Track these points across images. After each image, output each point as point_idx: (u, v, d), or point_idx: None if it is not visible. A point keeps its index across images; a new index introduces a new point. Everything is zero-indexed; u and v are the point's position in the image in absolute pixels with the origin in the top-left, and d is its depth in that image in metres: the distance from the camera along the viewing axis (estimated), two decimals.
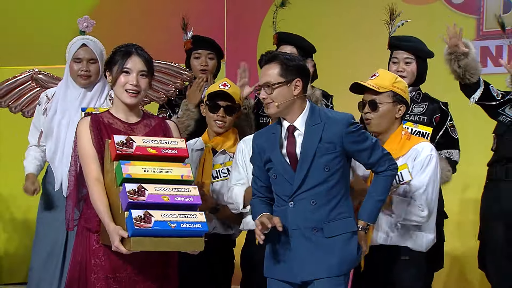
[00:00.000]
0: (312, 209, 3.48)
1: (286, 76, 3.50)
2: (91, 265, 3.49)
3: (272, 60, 3.53)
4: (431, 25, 5.89)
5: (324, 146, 3.48)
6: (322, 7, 6.39)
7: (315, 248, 3.47)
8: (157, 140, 3.44)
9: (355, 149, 3.52)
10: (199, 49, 4.88)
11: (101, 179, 3.45)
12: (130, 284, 3.49)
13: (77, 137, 3.54)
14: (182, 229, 3.26)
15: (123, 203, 3.27)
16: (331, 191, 3.50)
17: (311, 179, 3.48)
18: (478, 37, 6.01)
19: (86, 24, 4.62)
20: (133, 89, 3.53)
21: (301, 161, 3.49)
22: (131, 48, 3.56)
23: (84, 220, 3.56)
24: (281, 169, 3.52)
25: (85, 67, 4.47)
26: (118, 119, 3.59)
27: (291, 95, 3.51)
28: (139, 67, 3.54)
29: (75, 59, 4.49)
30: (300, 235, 3.48)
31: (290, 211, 3.50)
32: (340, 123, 3.51)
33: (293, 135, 3.54)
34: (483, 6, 6.04)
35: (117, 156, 3.34)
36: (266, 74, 3.53)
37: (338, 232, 3.49)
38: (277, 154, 3.53)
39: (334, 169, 3.50)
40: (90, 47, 4.50)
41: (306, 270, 3.48)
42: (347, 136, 3.49)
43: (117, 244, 3.26)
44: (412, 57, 4.56)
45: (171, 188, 3.34)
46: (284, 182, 3.52)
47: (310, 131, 3.51)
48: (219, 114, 4.22)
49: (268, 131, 3.64)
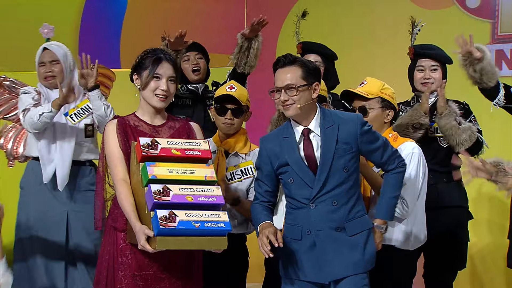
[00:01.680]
0: (333, 209, 3.53)
1: (308, 79, 3.56)
2: (119, 263, 3.56)
3: (293, 63, 3.57)
4: (447, 29, 5.93)
5: (341, 147, 3.54)
6: (338, 15, 6.38)
7: (341, 247, 3.53)
8: (181, 142, 3.51)
9: (368, 149, 3.59)
10: (187, 52, 4.93)
11: (127, 180, 3.53)
12: (156, 282, 3.56)
13: (104, 140, 3.62)
14: (205, 228, 3.32)
15: (148, 203, 3.34)
16: (350, 191, 3.57)
17: (332, 181, 3.53)
18: (493, 40, 6.05)
19: (47, 30, 4.86)
20: (163, 94, 3.62)
21: (321, 164, 3.53)
22: (160, 54, 3.64)
23: (112, 219, 3.63)
24: (300, 172, 3.55)
25: (48, 68, 4.68)
26: (143, 122, 3.67)
27: (311, 97, 3.57)
28: (169, 73, 3.63)
29: (39, 63, 4.71)
30: (325, 236, 3.53)
31: (312, 213, 3.55)
32: (353, 123, 3.58)
33: (308, 138, 3.58)
34: (498, 10, 6.08)
35: (143, 157, 3.41)
36: (287, 77, 3.56)
37: (359, 230, 3.56)
38: (296, 158, 3.57)
39: (352, 169, 3.57)
40: (51, 50, 4.71)
41: (335, 270, 3.52)
42: (361, 136, 3.57)
43: (143, 243, 3.32)
44: (437, 65, 4.64)
45: (195, 188, 3.39)
46: (303, 186, 3.56)
47: (326, 134, 3.56)
48: (227, 117, 4.25)
49: (279, 136, 3.65)
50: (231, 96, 4.24)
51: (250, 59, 4.75)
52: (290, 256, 3.60)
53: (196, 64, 4.95)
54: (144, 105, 3.69)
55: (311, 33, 5.14)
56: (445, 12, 6.18)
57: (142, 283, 3.55)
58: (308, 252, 3.56)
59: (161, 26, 4.75)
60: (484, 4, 6.13)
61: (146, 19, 6.72)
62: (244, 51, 4.75)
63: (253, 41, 4.74)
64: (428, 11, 6.10)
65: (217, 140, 4.32)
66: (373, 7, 6.28)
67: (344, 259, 3.53)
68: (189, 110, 4.81)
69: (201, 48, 5.02)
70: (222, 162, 4.26)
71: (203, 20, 4.98)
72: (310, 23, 5.20)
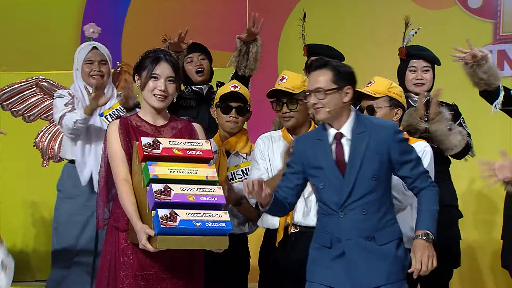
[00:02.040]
0: (363, 218, 3.43)
1: (338, 82, 3.47)
2: (120, 263, 3.56)
3: (324, 66, 3.49)
4: (448, 29, 5.95)
5: (370, 155, 3.44)
6: (339, 16, 6.40)
7: (371, 256, 3.42)
8: (182, 142, 3.52)
9: (400, 160, 3.47)
10: (190, 54, 4.92)
11: (129, 180, 3.53)
12: (158, 282, 3.56)
13: (107, 139, 3.63)
14: (207, 228, 3.32)
15: (149, 202, 3.34)
16: (381, 199, 3.46)
17: (360, 188, 3.43)
18: (495, 41, 6.06)
19: (93, 30, 4.77)
20: (161, 94, 3.63)
21: (348, 171, 3.44)
22: (159, 54, 3.65)
23: (113, 219, 3.64)
24: (332, 177, 3.46)
25: (97, 67, 4.64)
26: (146, 122, 3.68)
27: (342, 101, 3.47)
28: (167, 73, 3.63)
29: (86, 61, 4.65)
30: (354, 245, 3.43)
31: (341, 221, 3.45)
32: (387, 130, 3.48)
33: (340, 142, 3.50)
34: (500, 10, 6.09)
35: (145, 157, 3.42)
36: (318, 80, 3.48)
37: (389, 239, 3.45)
38: (329, 162, 3.47)
39: (382, 178, 3.47)
40: (100, 50, 4.68)
41: (366, 279, 3.42)
42: (394, 144, 3.46)
43: (144, 242, 3.32)
44: (429, 66, 4.66)
45: (196, 188, 3.40)
46: (333, 191, 3.46)
47: (356, 139, 3.46)
48: (231, 115, 4.26)
49: (313, 137, 3.58)
50: (236, 94, 4.25)
51: (250, 62, 4.73)
52: (319, 262, 3.54)
53: (199, 65, 4.94)
54: (146, 105, 3.70)
55: (312, 34, 5.15)
56: (447, 12, 6.20)
57: (144, 283, 3.55)
58: (337, 260, 3.46)
59: (162, 26, 4.78)
60: (486, 4, 6.15)
61: (147, 19, 6.75)
62: (243, 55, 4.75)
63: (252, 45, 4.73)
64: (430, 11, 6.12)
65: (218, 140, 4.33)
66: (374, 7, 6.29)
67: (374, 268, 3.42)
68: (194, 111, 4.80)
69: (204, 49, 5.01)
70: (224, 162, 4.27)
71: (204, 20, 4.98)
72: (311, 24, 5.20)
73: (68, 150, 4.71)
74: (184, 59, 4.90)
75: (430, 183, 3.51)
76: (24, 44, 6.65)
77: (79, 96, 4.67)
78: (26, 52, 6.64)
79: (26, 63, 6.43)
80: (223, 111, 4.28)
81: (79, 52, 4.70)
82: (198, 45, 4.98)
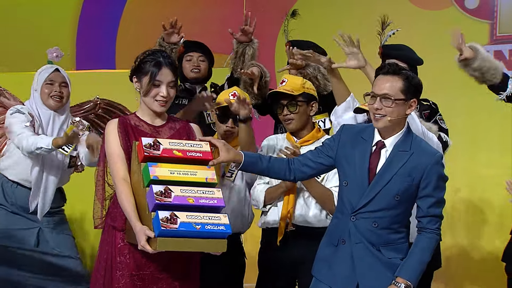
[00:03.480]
0: (372, 229, 3.41)
1: (407, 94, 3.39)
2: (116, 263, 3.55)
3: (397, 73, 3.41)
4: (445, 30, 5.94)
5: (403, 175, 3.38)
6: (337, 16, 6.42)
7: (378, 263, 3.41)
8: (182, 143, 3.50)
9: (427, 192, 3.40)
10: (191, 52, 4.92)
11: (128, 179, 3.52)
12: (153, 282, 3.55)
13: (105, 138, 3.61)
14: (206, 231, 3.31)
15: (150, 204, 3.33)
16: (396, 218, 3.43)
17: (379, 202, 3.39)
18: (491, 41, 6.07)
19: (56, 54, 4.73)
20: (163, 99, 3.62)
21: (376, 181, 3.40)
22: (159, 58, 3.61)
23: (110, 218, 3.62)
24: (359, 180, 3.43)
25: (58, 88, 4.59)
26: (144, 122, 3.66)
27: (404, 113, 3.41)
28: (169, 79, 3.62)
29: (47, 82, 4.59)
30: (362, 249, 3.41)
31: (351, 225, 3.43)
32: (429, 159, 3.39)
33: (379, 151, 3.45)
34: (496, 11, 6.10)
35: (145, 158, 3.40)
36: (387, 86, 3.39)
37: (394, 256, 3.42)
38: (363, 165, 3.44)
39: (405, 199, 3.41)
40: (61, 73, 4.64)
41: (369, 285, 3.41)
42: (430, 175, 3.38)
43: (144, 244, 3.31)
44: (404, 65, 4.62)
45: (196, 190, 3.38)
46: (354, 193, 3.43)
47: (396, 156, 3.40)
48: (228, 125, 4.27)
49: (359, 133, 3.51)
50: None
51: (246, 65, 4.72)
52: (325, 258, 3.54)
53: (196, 66, 4.93)
54: (144, 107, 3.69)
55: (309, 34, 5.13)
56: (444, 12, 6.21)
57: (140, 283, 3.54)
58: (343, 262, 3.45)
59: (158, 28, 4.74)
60: (483, 4, 6.16)
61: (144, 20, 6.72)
62: (239, 57, 4.74)
63: (248, 47, 4.72)
64: (427, 12, 6.13)
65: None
66: (372, 7, 6.28)
67: (379, 276, 3.40)
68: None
69: (205, 50, 5.00)
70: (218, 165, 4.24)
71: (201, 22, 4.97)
72: (309, 23, 5.20)
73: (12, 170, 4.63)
74: (184, 56, 4.89)
75: (436, 228, 3.44)
76: (21, 44, 6.63)
77: (37, 118, 4.58)
78: (22, 53, 6.61)
79: (22, 64, 6.41)
80: (220, 120, 4.29)
81: (40, 73, 4.64)
82: (201, 45, 4.97)
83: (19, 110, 4.56)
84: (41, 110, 4.62)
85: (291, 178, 3.60)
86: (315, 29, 5.78)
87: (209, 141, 3.52)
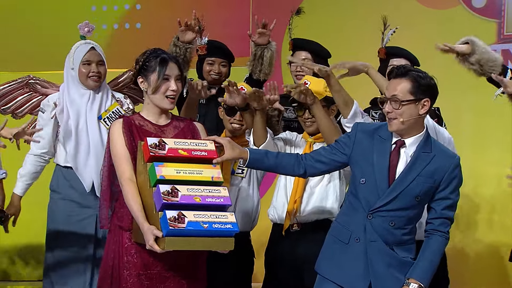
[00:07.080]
0: (388, 228, 3.43)
1: (416, 94, 3.40)
2: (124, 262, 3.56)
3: (405, 75, 3.43)
4: (452, 29, 5.94)
5: (425, 176, 3.41)
6: (343, 15, 6.41)
7: (392, 262, 3.43)
8: (187, 142, 3.51)
9: (443, 194, 3.44)
10: (213, 57, 4.89)
11: (134, 179, 3.52)
12: (161, 281, 3.56)
13: (110, 139, 3.62)
14: (214, 229, 3.32)
15: (157, 203, 3.34)
16: (412, 218, 3.47)
17: (399, 202, 3.42)
18: (499, 40, 6.06)
19: (88, 29, 4.68)
20: (173, 94, 3.63)
21: (398, 181, 3.42)
22: (163, 54, 3.65)
23: (117, 218, 3.63)
24: (379, 179, 3.43)
25: (96, 69, 4.57)
26: (148, 121, 3.67)
27: (417, 113, 3.42)
28: (176, 72, 3.64)
29: (85, 61, 4.56)
30: (378, 248, 3.43)
31: (367, 223, 3.44)
32: (449, 161, 3.44)
33: (399, 150, 3.46)
34: (504, 10, 6.09)
35: (151, 158, 3.41)
36: (395, 88, 3.42)
37: (405, 255, 3.46)
38: (383, 164, 3.44)
39: (423, 200, 3.45)
40: (97, 50, 4.61)
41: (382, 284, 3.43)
42: (449, 178, 3.43)
43: (152, 243, 3.32)
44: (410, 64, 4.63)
45: (203, 189, 3.40)
46: (372, 192, 3.44)
47: (419, 157, 3.42)
48: (235, 118, 4.28)
49: (375, 131, 3.52)
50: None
51: (264, 66, 4.72)
52: (332, 256, 3.54)
53: (217, 73, 4.89)
54: (149, 106, 3.69)
55: (315, 34, 5.14)
56: (451, 12, 6.20)
57: (147, 282, 3.55)
58: (356, 260, 3.45)
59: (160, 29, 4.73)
60: (490, 3, 6.15)
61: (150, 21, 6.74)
62: (257, 59, 4.74)
63: (266, 49, 4.72)
64: (434, 11, 6.12)
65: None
66: (378, 6, 6.28)
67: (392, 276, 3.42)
68: (203, 109, 4.78)
69: (228, 53, 4.96)
70: (227, 162, 4.23)
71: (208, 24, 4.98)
72: (314, 23, 5.20)
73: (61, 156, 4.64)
74: (206, 59, 4.87)
75: (447, 232, 3.48)
76: (21, 44, 6.64)
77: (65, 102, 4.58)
78: (22, 53, 6.63)
79: (24, 63, 6.43)
80: (227, 113, 4.30)
81: (75, 52, 4.59)
82: (223, 50, 4.94)
83: (41, 109, 4.62)
84: (78, 91, 4.59)
85: (301, 173, 3.61)
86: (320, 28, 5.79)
87: (214, 140, 3.53)
